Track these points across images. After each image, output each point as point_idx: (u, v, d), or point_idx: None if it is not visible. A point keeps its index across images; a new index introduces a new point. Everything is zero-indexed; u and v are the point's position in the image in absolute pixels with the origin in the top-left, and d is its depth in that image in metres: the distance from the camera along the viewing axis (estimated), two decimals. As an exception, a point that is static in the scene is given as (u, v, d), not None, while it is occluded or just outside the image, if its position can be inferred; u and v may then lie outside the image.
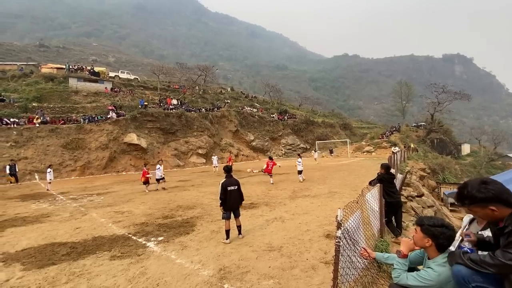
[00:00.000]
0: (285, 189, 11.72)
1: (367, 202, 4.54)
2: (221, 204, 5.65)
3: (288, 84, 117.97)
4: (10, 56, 60.98)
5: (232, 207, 5.65)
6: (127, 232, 6.58)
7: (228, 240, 5.54)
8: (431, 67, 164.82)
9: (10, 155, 18.55)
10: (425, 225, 2.05)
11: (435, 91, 40.70)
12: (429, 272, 1.99)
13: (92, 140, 22.25)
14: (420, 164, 23.58)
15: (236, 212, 5.74)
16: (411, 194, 11.87)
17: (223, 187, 5.58)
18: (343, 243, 2.76)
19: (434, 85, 40.86)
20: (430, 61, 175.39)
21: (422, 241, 2.07)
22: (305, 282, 3.81)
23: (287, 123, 39.63)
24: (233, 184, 5.69)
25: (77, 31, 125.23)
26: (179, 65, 47.83)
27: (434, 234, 2.00)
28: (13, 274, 4.52)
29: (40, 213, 9.06)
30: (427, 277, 1.97)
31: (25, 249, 5.73)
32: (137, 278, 4.17)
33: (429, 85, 42.33)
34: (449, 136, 47.98)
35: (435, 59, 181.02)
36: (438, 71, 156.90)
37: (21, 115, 21.95)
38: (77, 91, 27.87)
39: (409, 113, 74.67)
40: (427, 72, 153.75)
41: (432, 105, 41.82)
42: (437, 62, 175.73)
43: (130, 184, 15.61)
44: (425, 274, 1.99)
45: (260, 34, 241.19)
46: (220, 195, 5.62)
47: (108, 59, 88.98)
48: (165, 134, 27.22)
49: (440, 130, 43.57)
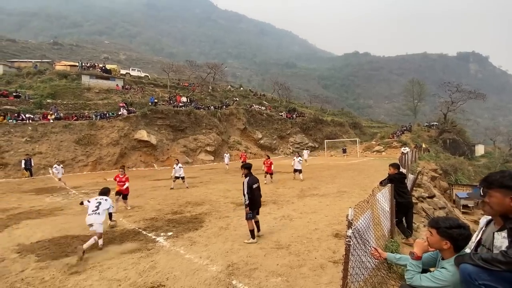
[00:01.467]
0: (293, 187, 11.68)
1: (378, 202, 4.47)
2: (247, 205, 5.22)
3: (297, 82, 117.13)
4: (25, 53, 62.76)
5: (256, 206, 5.43)
6: (137, 226, 6.70)
7: (255, 240, 5.31)
8: (445, 65, 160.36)
9: (25, 150, 19.14)
10: (442, 227, 1.99)
11: (448, 90, 39.59)
12: (443, 272, 1.95)
13: (103, 136, 22.70)
14: (431, 164, 23.08)
15: (258, 210, 5.62)
16: (422, 195, 11.65)
17: (249, 185, 5.24)
18: (353, 242, 2.74)
19: (447, 84, 39.75)
20: (444, 59, 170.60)
21: (439, 243, 2.01)
22: (313, 280, 3.79)
23: (296, 121, 39.39)
24: (256, 182, 5.44)
25: (89, 29, 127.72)
26: (189, 63, 48.25)
27: (452, 236, 1.95)
28: (28, 265, 4.67)
29: (54, 207, 9.32)
30: (441, 277, 1.94)
31: (40, 241, 5.91)
32: (147, 272, 4.24)
33: (443, 83, 41.23)
34: (462, 137, 46.69)
35: (449, 57, 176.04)
36: (452, 69, 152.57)
37: (36, 111, 22.61)
38: (89, 88, 28.49)
39: (421, 113, 73.07)
40: (440, 70, 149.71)
41: (445, 104, 40.73)
42: (451, 60, 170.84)
43: (140, 180, 15.89)
44: (439, 275, 1.96)
45: (269, 32, 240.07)
46: (246, 194, 5.22)
47: (119, 56, 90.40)
48: (175, 131, 27.52)
49: (453, 130, 42.44)
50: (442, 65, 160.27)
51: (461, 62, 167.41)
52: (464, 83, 47.47)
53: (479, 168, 37.85)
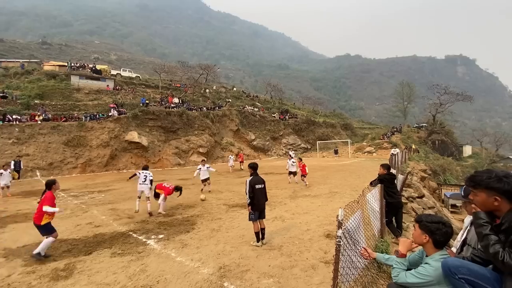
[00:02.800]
0: (285, 188, 11.72)
1: (368, 202, 4.53)
2: (249, 203, 5.12)
3: (290, 84, 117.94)
4: (13, 53, 61.21)
5: (260, 207, 5.20)
6: (128, 229, 6.60)
7: (259, 243, 5.16)
8: (434, 68, 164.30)
9: (12, 152, 18.61)
10: (423, 221, 2.12)
11: (437, 92, 40.56)
12: (426, 268, 2.01)
13: (93, 138, 22.28)
14: (421, 165, 23.52)
15: (262, 213, 5.29)
16: (411, 195, 11.86)
17: (251, 185, 5.12)
18: (344, 242, 2.77)
19: (436, 86, 40.72)
20: (433, 62, 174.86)
21: (420, 237, 2.12)
22: (304, 281, 3.81)
23: (288, 122, 39.58)
24: (260, 182, 5.27)
25: (79, 29, 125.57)
26: (181, 64, 47.93)
27: (430, 230, 2.05)
28: (15, 270, 4.54)
29: (41, 210, 9.08)
30: (425, 273, 1.99)
31: (27, 245, 5.75)
32: (137, 275, 4.18)
33: (431, 86, 42.21)
34: (450, 138, 47.82)
35: (438, 60, 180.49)
36: (440, 72, 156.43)
37: (24, 112, 22.03)
38: (79, 89, 27.93)
39: (411, 114, 74.55)
40: (429, 73, 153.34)
41: (434, 106, 41.67)
42: (440, 63, 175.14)
43: (131, 182, 15.60)
44: (423, 270, 2.02)
45: (262, 34, 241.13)
46: (248, 193, 5.11)
47: (110, 57, 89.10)
48: (166, 133, 27.24)
49: (441, 132, 43.45)
50: (431, 67, 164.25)
51: (449, 65, 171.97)
52: (452, 85, 48.70)
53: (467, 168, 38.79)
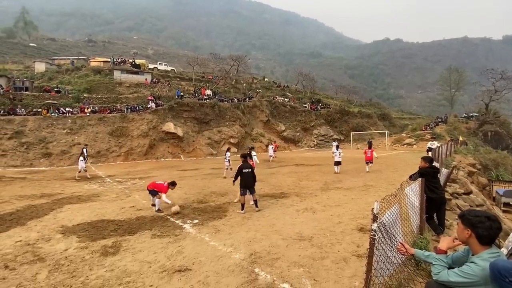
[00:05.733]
0: (316, 180, 11.53)
1: (407, 197, 4.28)
2: (234, 181, 7.21)
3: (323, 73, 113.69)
4: (63, 51, 67.61)
5: (247, 185, 6.93)
6: (166, 214, 7.06)
7: (243, 211, 6.84)
8: (488, 50, 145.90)
9: (66, 141, 20.80)
10: (465, 215, 1.99)
11: (492, 77, 36.08)
12: (472, 267, 1.85)
13: (134, 128, 23.93)
14: (469, 159, 21.37)
15: (251, 189, 7.01)
16: (457, 191, 10.87)
17: (239, 169, 7.01)
18: (379, 236, 2.66)
19: (491, 71, 36.21)
20: (487, 43, 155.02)
21: (462, 232, 1.98)
22: (336, 273, 3.77)
23: (320, 113, 38.45)
24: (247, 168, 7.02)
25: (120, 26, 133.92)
26: (213, 56, 48.81)
27: (472, 223, 1.90)
28: (71, 245, 5.16)
29: (91, 193, 10.11)
30: (470, 272, 1.83)
31: (80, 223, 6.46)
32: (174, 256, 4.49)
33: (485, 70, 37.61)
34: (506, 129, 42.45)
35: (494, 41, 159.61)
36: (496, 54, 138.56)
37: (75, 105, 24.39)
38: (120, 83, 30.04)
39: (459, 103, 67.65)
40: (482, 56, 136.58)
41: (488, 93, 37.24)
42: (496, 44, 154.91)
43: (168, 170, 16.61)
44: (468, 269, 1.86)
45: (294, 21, 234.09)
46: (235, 174, 7.09)
47: (147, 51, 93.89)
48: (200, 124, 28.22)
49: (495, 122, 38.76)
50: (485, 50, 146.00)
51: (507, 46, 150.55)
52: (510, 69, 42.97)
53: (526, 163, 34.42)
